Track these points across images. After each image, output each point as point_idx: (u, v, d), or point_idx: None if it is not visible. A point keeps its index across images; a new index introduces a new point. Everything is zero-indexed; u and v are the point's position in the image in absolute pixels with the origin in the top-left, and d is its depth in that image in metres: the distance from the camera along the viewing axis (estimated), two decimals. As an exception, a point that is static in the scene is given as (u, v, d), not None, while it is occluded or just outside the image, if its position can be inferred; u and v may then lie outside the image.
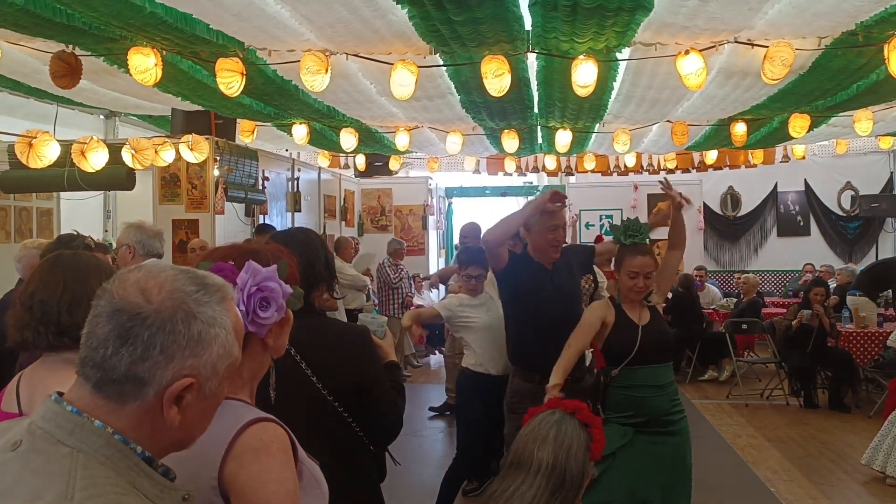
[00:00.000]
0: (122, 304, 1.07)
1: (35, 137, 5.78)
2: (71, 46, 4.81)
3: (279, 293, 1.50)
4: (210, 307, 1.12)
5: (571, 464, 2.10)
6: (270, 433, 1.43)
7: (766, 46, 4.67)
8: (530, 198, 14.02)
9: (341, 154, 10.53)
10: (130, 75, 4.85)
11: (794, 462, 6.15)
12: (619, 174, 11.88)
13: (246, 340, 1.51)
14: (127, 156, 6.64)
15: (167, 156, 6.88)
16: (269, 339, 1.54)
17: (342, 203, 11.61)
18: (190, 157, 6.88)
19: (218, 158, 7.36)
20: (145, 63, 4.68)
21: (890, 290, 9.23)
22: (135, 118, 8.45)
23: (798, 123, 6.95)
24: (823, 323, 7.94)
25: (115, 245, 5.23)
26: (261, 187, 8.38)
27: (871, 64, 5.07)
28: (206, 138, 7.02)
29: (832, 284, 10.17)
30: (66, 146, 6.23)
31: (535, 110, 6.89)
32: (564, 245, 4.15)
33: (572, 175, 12.86)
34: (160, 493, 1.07)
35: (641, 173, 12.04)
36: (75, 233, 3.73)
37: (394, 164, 10.90)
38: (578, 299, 4.27)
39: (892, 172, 13.00)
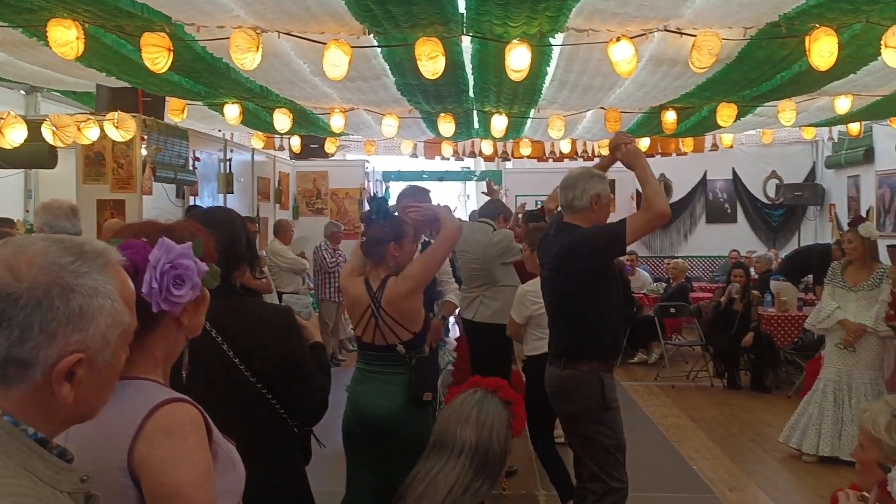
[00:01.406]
0: None
1: (-52, 112, 5.51)
2: (-14, 17, 4.58)
3: (194, 271, 1.46)
4: (90, 277, 1.07)
5: (494, 443, 2.12)
6: (183, 414, 1.41)
7: (695, 35, 4.76)
8: (469, 183, 14.10)
9: (276, 136, 10.34)
10: (50, 48, 4.66)
11: (717, 441, 6.36)
12: (554, 160, 11.97)
13: (160, 319, 1.48)
14: (47, 132, 6.38)
15: (91, 133, 6.63)
16: (185, 318, 1.51)
17: (276, 185, 11.42)
18: (116, 135, 6.65)
19: (146, 137, 7.13)
20: (66, 36, 4.48)
21: (811, 276, 9.59)
22: (58, 94, 8.11)
23: (725, 112, 7.12)
24: (752, 298, 8.25)
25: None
26: (191, 168, 8.18)
27: (794, 55, 5.22)
28: (133, 116, 6.80)
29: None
30: (-18, 121, 5.97)
31: (471, 94, 6.88)
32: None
33: (509, 161, 12.92)
34: (55, 474, 1.03)
35: (576, 160, 12.17)
36: None
37: (330, 146, 10.75)
38: None
39: (814, 162, 13.48)
